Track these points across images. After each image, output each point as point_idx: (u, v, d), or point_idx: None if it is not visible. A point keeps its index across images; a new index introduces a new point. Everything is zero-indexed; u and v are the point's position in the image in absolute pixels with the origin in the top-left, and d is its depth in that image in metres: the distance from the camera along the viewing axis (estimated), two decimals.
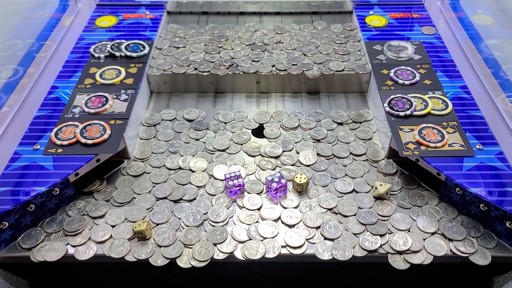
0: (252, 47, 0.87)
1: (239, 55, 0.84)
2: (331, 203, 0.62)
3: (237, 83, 0.82)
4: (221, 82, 0.81)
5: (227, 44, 0.87)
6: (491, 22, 0.94)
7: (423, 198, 0.63)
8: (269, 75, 0.80)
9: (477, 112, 0.70)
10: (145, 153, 0.70)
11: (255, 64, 0.82)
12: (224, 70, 0.81)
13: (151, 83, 0.82)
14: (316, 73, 0.80)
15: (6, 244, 0.58)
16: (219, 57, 0.84)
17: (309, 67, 0.81)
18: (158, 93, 0.83)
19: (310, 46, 0.87)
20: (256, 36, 0.90)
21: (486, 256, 0.56)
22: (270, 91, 0.82)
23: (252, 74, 0.80)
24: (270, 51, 0.86)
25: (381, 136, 0.72)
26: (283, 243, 0.57)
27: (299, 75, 0.80)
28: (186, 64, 0.82)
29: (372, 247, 0.57)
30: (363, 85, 0.82)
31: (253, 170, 0.67)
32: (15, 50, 0.85)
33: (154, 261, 0.56)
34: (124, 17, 0.95)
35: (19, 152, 0.64)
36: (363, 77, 0.81)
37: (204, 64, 0.82)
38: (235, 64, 0.82)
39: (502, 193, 0.58)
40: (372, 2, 0.99)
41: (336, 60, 0.83)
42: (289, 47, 0.86)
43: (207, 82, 0.81)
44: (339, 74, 0.80)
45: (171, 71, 0.81)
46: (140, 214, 0.61)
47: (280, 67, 0.81)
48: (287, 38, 0.89)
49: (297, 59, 0.83)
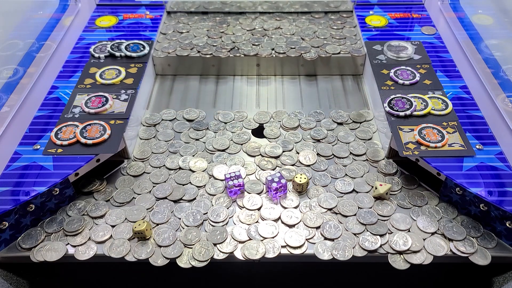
0: (252, 32, 0.91)
1: (240, 39, 0.89)
2: (331, 203, 0.62)
3: (238, 65, 0.86)
4: (223, 64, 0.86)
5: (229, 29, 0.92)
6: (491, 22, 0.94)
7: (423, 198, 0.63)
8: (268, 58, 0.85)
9: (477, 112, 0.70)
10: (145, 153, 0.70)
11: (255, 48, 0.86)
12: (226, 53, 0.85)
13: (156, 65, 0.86)
14: (314, 56, 0.84)
15: (6, 244, 0.58)
16: (221, 41, 0.88)
17: (306, 50, 0.85)
18: (163, 75, 0.87)
19: (308, 31, 0.91)
20: (256, 22, 0.94)
21: (486, 256, 0.56)
22: (269, 74, 0.87)
23: (252, 56, 0.85)
24: (270, 36, 0.90)
25: (381, 136, 0.72)
26: (283, 243, 0.57)
27: (297, 57, 0.84)
28: (190, 47, 0.86)
29: (372, 247, 0.57)
30: (359, 67, 0.86)
31: (253, 170, 0.67)
32: (15, 50, 0.85)
33: (154, 261, 0.56)
34: (124, 17, 0.94)
35: (19, 152, 0.64)
36: (358, 60, 0.85)
37: (206, 47, 0.86)
38: (236, 48, 0.86)
39: (502, 193, 0.58)
40: (372, 2, 0.99)
41: (333, 44, 0.87)
42: (288, 32, 0.91)
43: (210, 64, 0.86)
44: (335, 56, 0.85)
45: (175, 53, 0.85)
46: (140, 214, 0.61)
47: (279, 50, 0.85)
48: (286, 24, 0.94)
49: (295, 43, 0.87)
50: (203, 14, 0.97)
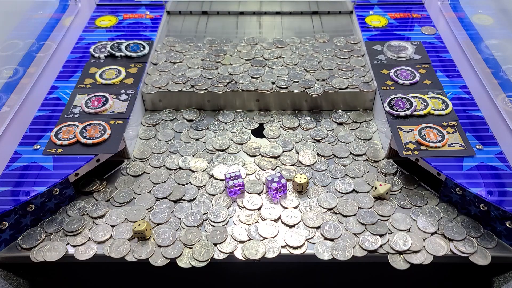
0: (251, 62, 0.82)
1: (238, 71, 0.80)
2: (331, 203, 0.62)
3: (235, 101, 0.78)
4: (219, 100, 0.78)
5: (226, 59, 0.84)
6: (491, 22, 0.94)
7: (423, 198, 0.63)
8: (269, 93, 0.76)
9: (477, 112, 0.70)
10: (145, 153, 0.70)
11: (255, 81, 0.78)
12: (222, 87, 0.77)
13: (146, 101, 0.78)
14: (319, 91, 0.76)
15: (6, 244, 0.58)
16: (217, 73, 0.80)
17: (311, 84, 0.77)
18: (153, 111, 0.79)
19: (312, 61, 0.82)
20: (255, 50, 0.86)
21: (486, 256, 0.56)
22: (270, 109, 0.79)
23: (251, 92, 0.76)
24: (271, 67, 0.81)
25: (381, 136, 0.72)
26: (283, 243, 0.57)
27: (300, 93, 0.76)
28: (183, 81, 0.78)
29: (372, 247, 0.57)
30: (368, 103, 0.78)
31: (253, 170, 0.67)
32: (15, 50, 0.85)
33: (154, 261, 0.56)
34: (124, 17, 0.95)
35: (19, 152, 0.64)
36: (368, 95, 0.77)
37: (201, 81, 0.78)
38: (234, 81, 0.78)
39: (502, 193, 0.58)
40: (372, 2, 0.99)
41: (340, 77, 0.79)
42: (290, 62, 0.82)
43: (205, 100, 0.78)
44: (342, 92, 0.76)
45: (167, 88, 0.77)
46: (140, 214, 0.61)
47: (281, 84, 0.77)
48: (288, 53, 0.85)
49: (298, 76, 0.79)
50: (197, 47, 0.87)
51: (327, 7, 1.00)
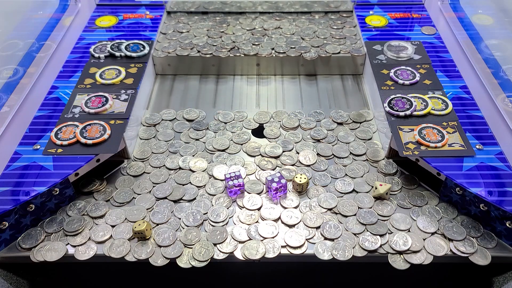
0: (252, 32, 0.91)
1: (240, 39, 0.88)
2: (331, 203, 0.62)
3: (238, 65, 0.86)
4: (223, 64, 0.86)
5: (229, 29, 0.92)
6: (491, 22, 0.94)
7: (423, 198, 0.63)
8: (268, 57, 0.84)
9: (477, 112, 0.70)
10: (145, 153, 0.70)
11: (255, 47, 0.86)
12: (226, 52, 0.85)
13: (156, 65, 0.86)
14: (314, 56, 0.84)
15: (6, 244, 0.58)
16: (221, 41, 0.88)
17: (306, 49, 0.85)
18: (163, 75, 0.87)
19: (308, 31, 0.91)
20: (256, 22, 0.94)
21: (486, 256, 0.56)
22: (269, 73, 0.87)
23: (252, 56, 0.85)
24: (270, 36, 0.90)
25: (381, 136, 0.72)
26: (283, 243, 0.57)
27: (297, 57, 0.84)
28: (190, 47, 0.86)
29: (372, 247, 0.57)
30: (359, 67, 0.86)
31: (253, 170, 0.67)
32: (15, 50, 0.85)
33: (154, 261, 0.56)
34: (124, 17, 0.94)
35: (19, 152, 0.64)
36: (358, 59, 0.85)
37: (206, 47, 0.86)
38: (236, 47, 0.86)
39: (502, 193, 0.58)
40: (372, 2, 0.99)
41: (333, 44, 0.87)
42: (288, 32, 0.91)
43: (210, 64, 0.85)
44: (335, 56, 0.84)
45: (175, 53, 0.85)
46: (140, 214, 0.61)
47: (279, 50, 0.85)
48: (286, 24, 0.94)
49: (295, 43, 0.87)
50: (203, 14, 0.97)
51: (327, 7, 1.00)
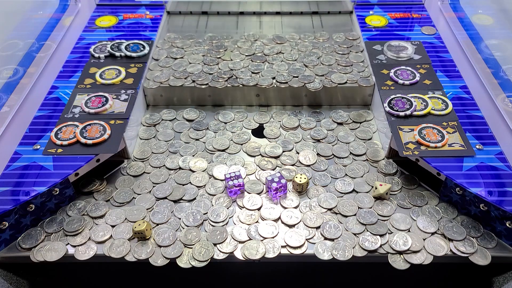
0: (251, 58, 0.83)
1: (238, 66, 0.81)
2: (331, 203, 0.62)
3: (236, 96, 0.79)
4: (220, 95, 0.78)
5: (226, 54, 0.84)
6: (491, 22, 0.94)
7: (423, 198, 0.63)
8: (269, 88, 0.77)
9: (477, 112, 0.70)
10: (145, 153, 0.70)
11: (255, 76, 0.79)
12: (223, 82, 0.77)
13: (147, 96, 0.79)
14: (318, 86, 0.77)
15: (6, 244, 0.58)
16: (217, 68, 0.81)
17: (310, 79, 0.78)
18: (154, 106, 0.80)
19: (311, 56, 0.83)
20: (256, 46, 0.86)
21: (486, 256, 0.56)
22: (270, 104, 0.79)
23: (251, 86, 0.77)
24: (271, 62, 0.82)
25: (381, 136, 0.72)
26: (283, 243, 0.57)
27: (300, 88, 0.77)
28: (184, 76, 0.79)
29: (372, 247, 0.57)
30: (367, 98, 0.79)
31: (253, 170, 0.67)
32: (15, 50, 0.85)
33: (154, 261, 0.56)
34: (124, 17, 0.94)
35: (19, 152, 0.64)
36: (366, 90, 0.78)
37: (202, 76, 0.78)
38: (234, 76, 0.79)
39: (502, 193, 0.58)
40: (372, 2, 0.99)
41: (339, 72, 0.79)
42: (290, 58, 0.83)
43: (205, 95, 0.78)
44: (341, 87, 0.77)
45: (168, 83, 0.78)
46: (140, 214, 0.61)
47: (281, 79, 0.78)
48: (288, 48, 0.86)
49: (298, 71, 0.80)
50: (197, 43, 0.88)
51: (327, 7, 1.00)
